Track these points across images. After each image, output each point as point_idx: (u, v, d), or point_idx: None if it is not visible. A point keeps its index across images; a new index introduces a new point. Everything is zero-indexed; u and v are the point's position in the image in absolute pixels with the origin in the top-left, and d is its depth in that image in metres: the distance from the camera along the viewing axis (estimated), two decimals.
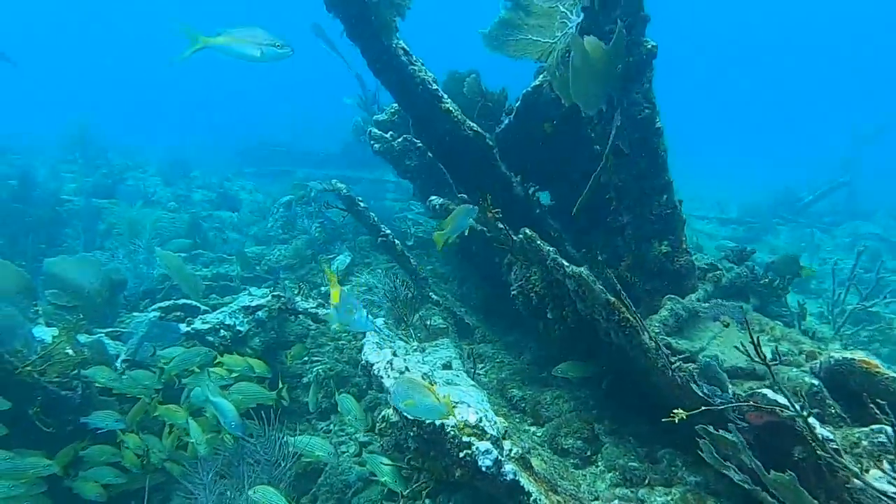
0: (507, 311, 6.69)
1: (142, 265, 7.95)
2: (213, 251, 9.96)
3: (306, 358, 5.19)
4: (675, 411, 2.31)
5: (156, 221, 10.15)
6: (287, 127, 22.16)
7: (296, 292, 4.81)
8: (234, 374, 4.36)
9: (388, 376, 3.52)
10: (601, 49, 3.82)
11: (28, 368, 4.10)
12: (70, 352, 4.50)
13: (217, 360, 4.57)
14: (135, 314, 6.38)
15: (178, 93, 44.62)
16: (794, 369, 3.16)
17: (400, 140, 6.32)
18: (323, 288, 7.13)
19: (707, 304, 3.78)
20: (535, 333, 5.88)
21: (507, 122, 5.25)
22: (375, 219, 5.89)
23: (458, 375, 4.01)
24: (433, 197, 6.14)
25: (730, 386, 2.96)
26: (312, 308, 4.62)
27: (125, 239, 9.52)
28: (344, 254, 8.19)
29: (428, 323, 5.41)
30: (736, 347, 2.44)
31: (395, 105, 6.77)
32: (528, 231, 4.11)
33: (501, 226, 4.72)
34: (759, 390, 2.68)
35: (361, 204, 5.83)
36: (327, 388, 5.37)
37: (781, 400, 2.55)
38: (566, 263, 3.74)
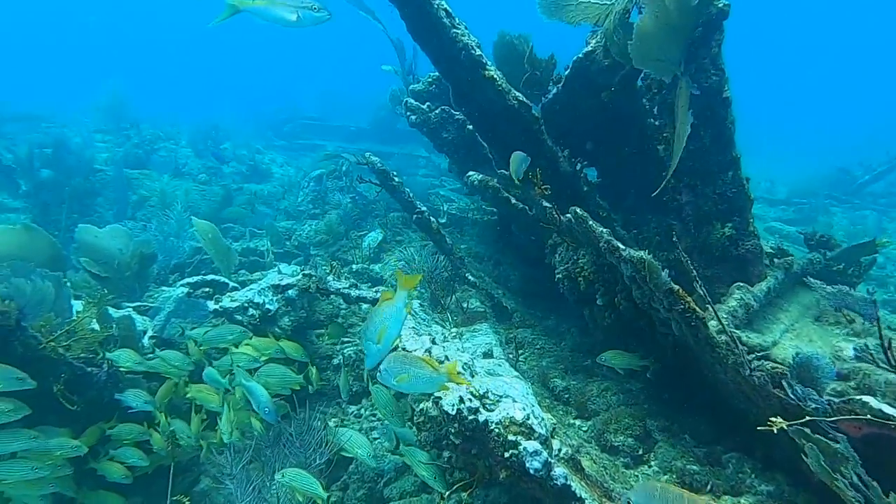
0: (546, 293, 6.38)
1: (172, 237, 7.82)
2: (242, 225, 9.82)
3: (340, 338, 4.96)
4: (773, 419, 1.97)
5: (187, 193, 10.02)
6: (318, 101, 21.93)
7: (328, 271, 4.56)
8: (263, 357, 4.14)
9: None
10: (684, 4, 3.40)
11: (52, 344, 3.95)
12: (96, 326, 4.35)
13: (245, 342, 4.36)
14: (163, 289, 6.23)
15: (212, 66, 44.71)
16: (890, 372, 2.79)
17: (437, 111, 5.97)
18: (354, 266, 6.89)
19: (832, 289, 3.38)
20: (576, 318, 5.58)
21: (554, 91, 4.86)
22: (411, 195, 5.59)
23: (500, 365, 3.73)
24: (471, 173, 5.81)
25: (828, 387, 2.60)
26: (345, 288, 4.36)
27: (157, 210, 9.43)
28: (375, 231, 7.93)
29: (465, 306, 5.13)
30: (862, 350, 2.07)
31: (434, 74, 6.41)
32: (578, 210, 3.76)
33: (548, 204, 4.38)
34: (859, 398, 2.33)
35: (396, 179, 5.53)
36: (358, 371, 5.15)
37: (887, 410, 2.20)
38: (622, 246, 3.40)
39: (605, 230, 3.57)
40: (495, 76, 4.49)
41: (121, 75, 15.81)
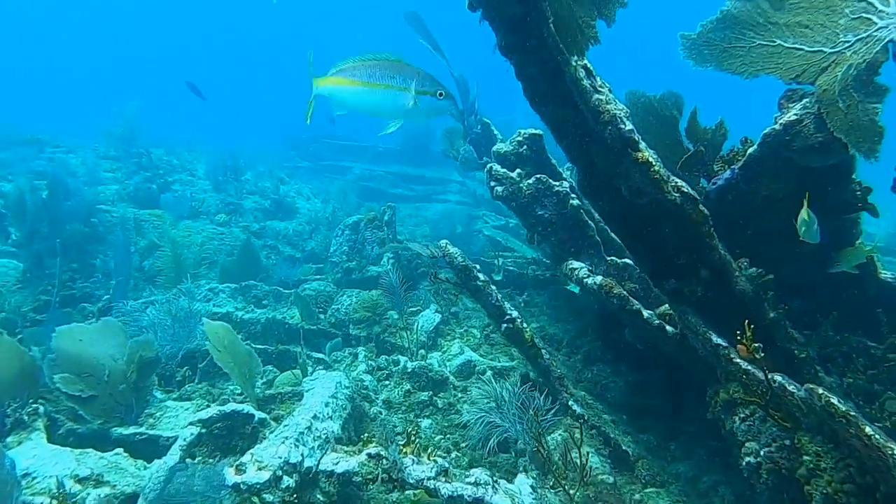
0: (657, 409, 4.95)
1: (183, 308, 6.43)
2: (267, 281, 8.43)
3: None
4: None
5: (202, 245, 8.68)
6: (347, 118, 20.64)
7: (401, 447, 3.10)
8: None
9: None
10: None
11: None
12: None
13: None
14: (167, 404, 4.84)
15: (236, 82, 43.15)
16: None
17: (531, 181, 4.54)
18: (409, 364, 5.44)
19: None
20: (718, 464, 4.15)
21: (728, 176, 3.39)
22: (498, 297, 4.14)
23: None
24: (576, 264, 4.37)
25: None
26: (431, 478, 2.89)
27: (167, 269, 8.10)
28: (430, 308, 6.48)
29: (577, 460, 3.64)
30: None
31: (525, 131, 4.95)
32: (836, 404, 2.29)
33: (749, 366, 2.91)
34: None
35: (481, 277, 4.08)
36: None
37: None
38: None
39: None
40: (651, 160, 3.03)
41: (136, 93, 14.62)
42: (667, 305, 4.27)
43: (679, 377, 4.64)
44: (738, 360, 3.04)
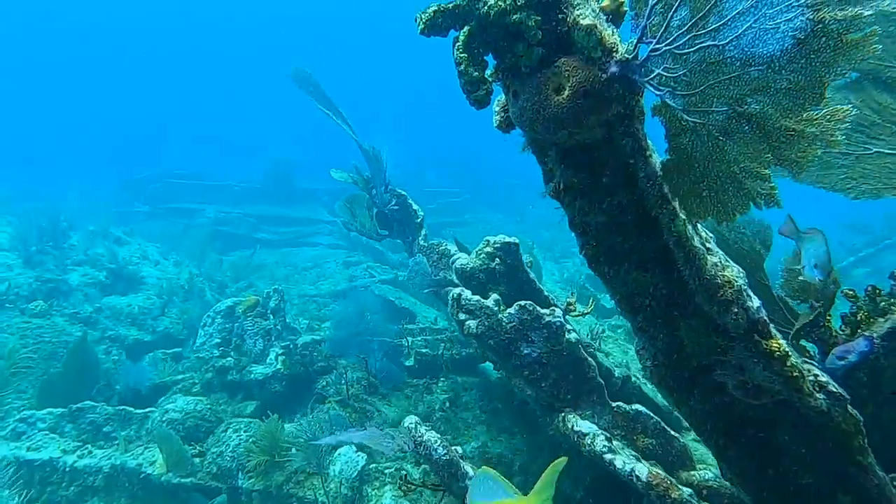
0: None
1: None
2: (109, 394, 6.36)
3: None
4: None
5: (13, 365, 6.31)
6: (194, 154, 18.05)
7: None
8: None
9: None
10: None
11: None
12: None
13: None
14: None
15: (54, 115, 36.16)
16: None
17: (513, 311, 3.28)
18: None
19: None
20: None
21: (864, 348, 2.30)
22: None
23: None
24: (584, 425, 3.25)
25: None
26: None
27: None
28: (349, 447, 4.90)
29: None
30: None
31: (497, 240, 3.67)
32: None
33: None
34: None
35: (470, 473, 2.74)
36: None
37: None
38: None
39: None
40: (786, 350, 1.93)
41: None
42: (700, 472, 3.26)
43: None
44: None
